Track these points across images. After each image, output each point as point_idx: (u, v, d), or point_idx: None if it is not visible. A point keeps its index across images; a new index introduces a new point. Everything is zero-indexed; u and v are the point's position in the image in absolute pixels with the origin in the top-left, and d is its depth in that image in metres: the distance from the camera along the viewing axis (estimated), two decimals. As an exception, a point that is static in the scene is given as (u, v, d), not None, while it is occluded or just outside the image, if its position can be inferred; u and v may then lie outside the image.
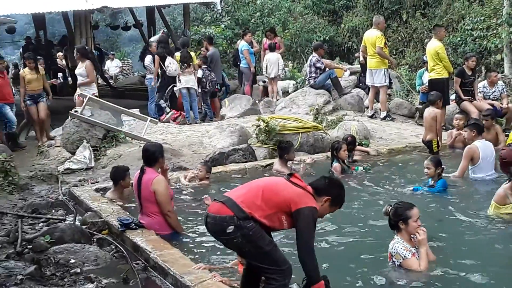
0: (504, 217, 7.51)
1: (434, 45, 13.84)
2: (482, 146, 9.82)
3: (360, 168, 10.45)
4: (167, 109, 15.97)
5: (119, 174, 9.01)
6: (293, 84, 18.42)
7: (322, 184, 5.18)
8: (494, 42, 17.89)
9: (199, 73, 15.98)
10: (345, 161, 10.43)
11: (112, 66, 28.49)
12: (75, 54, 14.44)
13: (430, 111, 11.28)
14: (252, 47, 18.25)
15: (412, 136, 13.31)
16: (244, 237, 4.76)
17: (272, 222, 4.90)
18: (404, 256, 5.87)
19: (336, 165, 10.22)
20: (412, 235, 5.98)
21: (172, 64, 15.74)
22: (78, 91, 13.64)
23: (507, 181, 7.56)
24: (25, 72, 13.79)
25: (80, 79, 13.79)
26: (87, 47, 15.26)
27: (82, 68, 13.64)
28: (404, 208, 6.03)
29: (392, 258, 5.97)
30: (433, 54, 13.72)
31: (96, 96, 13.47)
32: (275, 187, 4.99)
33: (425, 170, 8.98)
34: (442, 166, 9.05)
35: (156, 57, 15.96)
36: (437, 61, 13.69)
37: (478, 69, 16.27)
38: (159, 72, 15.97)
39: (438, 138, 11.26)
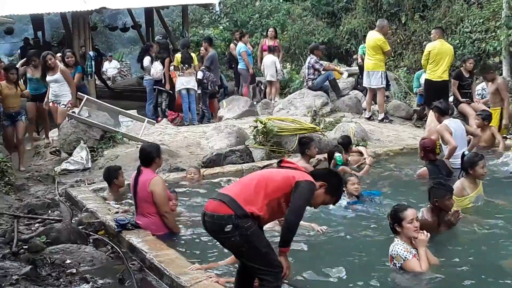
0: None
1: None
2: (450, 123, 10.28)
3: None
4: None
5: (111, 174, 9.03)
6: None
7: (321, 171, 5.21)
8: (493, 45, 17.87)
9: (199, 74, 16.03)
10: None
11: (110, 68, 28.46)
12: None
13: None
14: (248, 49, 18.30)
15: (410, 138, 13.28)
16: (242, 237, 4.73)
17: (272, 209, 4.86)
18: (405, 257, 5.84)
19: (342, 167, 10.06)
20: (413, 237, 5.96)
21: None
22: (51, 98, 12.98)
23: (464, 175, 7.97)
24: (2, 86, 12.23)
25: (57, 86, 12.84)
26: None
27: (57, 74, 12.78)
28: (398, 211, 6.02)
29: (393, 260, 5.94)
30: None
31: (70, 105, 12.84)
32: (271, 174, 4.99)
33: (356, 186, 8.51)
34: None
35: (167, 60, 16.14)
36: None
37: (476, 72, 16.25)
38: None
39: None
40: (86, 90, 14.67)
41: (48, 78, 12.89)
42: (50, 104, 13.08)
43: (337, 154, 9.90)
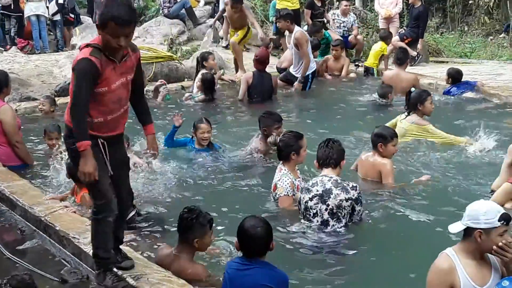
0: None
1: None
2: (303, 30, 11.45)
3: None
4: None
5: None
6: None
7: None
8: (346, -25, 18.27)
9: None
10: None
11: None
12: None
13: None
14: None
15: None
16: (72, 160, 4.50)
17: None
18: (287, 193, 5.82)
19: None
20: None
21: None
22: None
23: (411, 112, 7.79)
24: None
25: None
26: None
27: None
28: (298, 138, 5.97)
29: (276, 190, 5.89)
30: None
31: None
32: None
33: (206, 135, 7.65)
34: None
35: None
36: None
37: (329, 2, 16.61)
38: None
39: None
40: None
41: None
42: None
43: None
